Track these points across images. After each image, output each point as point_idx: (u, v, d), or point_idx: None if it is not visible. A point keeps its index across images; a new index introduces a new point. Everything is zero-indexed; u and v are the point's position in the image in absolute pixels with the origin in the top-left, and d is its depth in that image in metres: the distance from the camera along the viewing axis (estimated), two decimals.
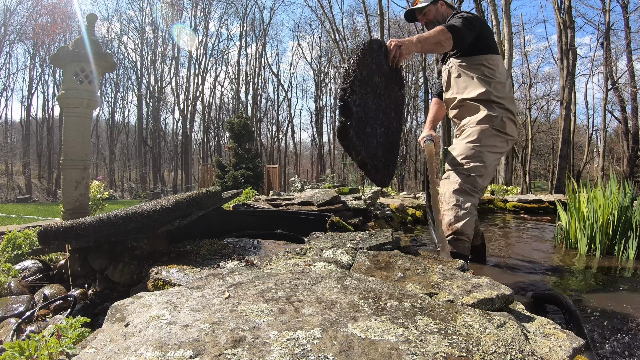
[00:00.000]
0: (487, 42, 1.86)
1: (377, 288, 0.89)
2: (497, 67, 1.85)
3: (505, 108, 1.82)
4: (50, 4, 23.62)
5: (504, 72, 1.90)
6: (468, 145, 1.78)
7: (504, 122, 1.79)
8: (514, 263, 2.16)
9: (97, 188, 4.07)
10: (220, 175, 13.38)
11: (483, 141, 1.77)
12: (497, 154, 1.82)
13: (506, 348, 0.64)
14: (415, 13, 2.06)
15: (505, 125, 1.79)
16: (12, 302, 1.46)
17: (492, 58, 1.85)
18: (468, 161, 1.75)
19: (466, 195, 1.71)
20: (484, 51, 1.84)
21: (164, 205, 1.35)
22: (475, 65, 1.85)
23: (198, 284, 0.95)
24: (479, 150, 1.76)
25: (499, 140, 1.80)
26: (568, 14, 12.08)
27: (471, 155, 1.76)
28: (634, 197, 2.39)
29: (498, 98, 1.81)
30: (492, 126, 1.78)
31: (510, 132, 1.82)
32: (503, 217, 4.52)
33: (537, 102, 22.64)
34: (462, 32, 1.69)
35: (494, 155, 1.79)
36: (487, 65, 1.83)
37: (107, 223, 1.26)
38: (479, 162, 1.74)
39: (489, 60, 1.84)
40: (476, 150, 1.76)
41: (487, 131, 1.78)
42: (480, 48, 1.84)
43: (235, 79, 31.74)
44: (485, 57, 1.84)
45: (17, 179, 24.96)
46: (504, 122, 1.79)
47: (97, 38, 2.78)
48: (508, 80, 1.90)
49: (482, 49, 1.84)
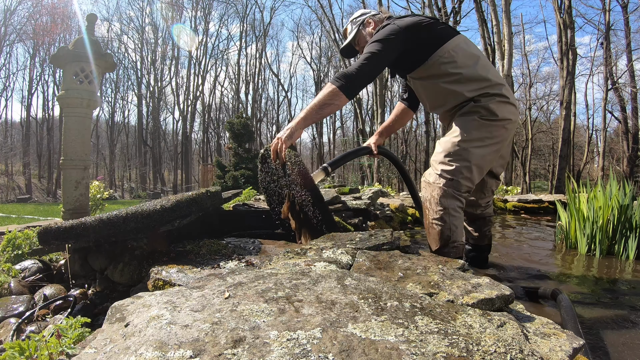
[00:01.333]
0: (433, 38, 1.61)
1: (377, 288, 0.89)
2: (456, 55, 1.60)
3: (490, 94, 1.60)
4: (50, 4, 23.63)
5: (470, 52, 1.63)
6: (452, 142, 1.60)
7: (491, 108, 1.58)
8: (513, 263, 2.16)
9: (97, 188, 4.07)
10: (220, 175, 13.38)
11: (469, 136, 1.58)
12: (491, 145, 1.61)
13: (506, 348, 0.64)
14: (353, 46, 1.88)
15: (495, 111, 1.58)
16: (12, 302, 1.46)
17: (445, 50, 1.59)
18: (451, 160, 1.58)
19: (452, 199, 1.57)
20: (434, 48, 1.60)
21: (164, 206, 1.35)
22: (434, 70, 1.63)
23: (198, 284, 0.95)
24: (463, 147, 1.57)
25: (489, 130, 1.60)
26: (568, 14, 12.08)
27: (454, 153, 1.58)
28: (634, 197, 2.39)
29: (476, 90, 1.60)
30: (479, 116, 1.59)
31: (503, 116, 1.60)
32: (503, 217, 4.52)
33: (537, 102, 22.66)
34: (358, 77, 1.50)
35: (484, 149, 1.59)
36: (445, 61, 1.60)
37: (107, 223, 1.26)
38: (463, 161, 1.57)
39: (445, 55, 1.60)
40: (460, 147, 1.57)
41: (472, 123, 1.59)
42: (428, 48, 1.61)
43: (235, 79, 31.77)
44: (437, 54, 1.60)
45: (17, 179, 24.97)
46: (492, 108, 1.58)
47: (97, 38, 2.78)
48: (481, 60, 1.64)
49: (430, 48, 1.61)
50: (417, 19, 1.62)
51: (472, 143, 1.58)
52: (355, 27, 1.85)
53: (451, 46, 1.60)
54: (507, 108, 1.62)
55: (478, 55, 1.66)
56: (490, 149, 1.62)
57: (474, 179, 1.61)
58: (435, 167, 1.64)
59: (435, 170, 1.63)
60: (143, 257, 1.39)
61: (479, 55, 1.66)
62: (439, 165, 1.61)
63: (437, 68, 1.62)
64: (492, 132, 1.61)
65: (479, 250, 2.00)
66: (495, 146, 1.63)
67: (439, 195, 1.57)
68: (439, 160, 1.62)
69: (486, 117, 1.59)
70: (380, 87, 15.68)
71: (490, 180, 1.86)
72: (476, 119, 1.59)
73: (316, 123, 29.67)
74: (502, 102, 1.61)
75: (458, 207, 1.59)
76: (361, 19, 1.86)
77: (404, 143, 22.85)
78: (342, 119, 32.73)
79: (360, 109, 22.64)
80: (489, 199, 1.94)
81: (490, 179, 1.85)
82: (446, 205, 1.57)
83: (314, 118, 1.55)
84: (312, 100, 1.55)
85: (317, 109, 1.53)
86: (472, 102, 1.62)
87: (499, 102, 1.60)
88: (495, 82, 1.62)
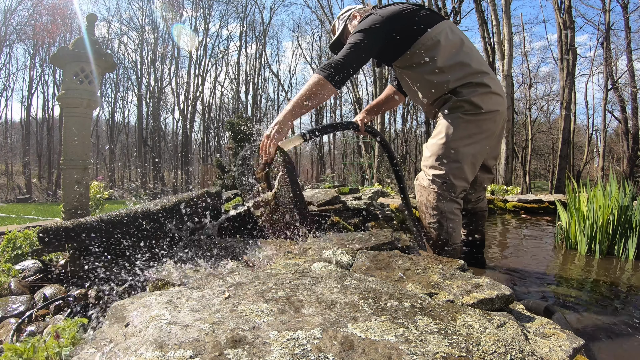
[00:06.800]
0: (416, 25, 1.55)
1: (377, 288, 0.89)
2: (439, 42, 1.53)
3: (473, 84, 1.53)
4: (51, 4, 23.62)
5: (453, 38, 1.56)
6: (439, 144, 1.55)
7: (474, 101, 1.52)
8: (513, 263, 2.16)
9: (97, 188, 4.07)
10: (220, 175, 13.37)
11: (456, 135, 1.52)
12: (480, 141, 1.56)
13: (506, 348, 0.64)
14: (341, 41, 1.84)
15: (479, 104, 1.52)
16: (12, 302, 1.46)
17: (427, 37, 1.53)
18: (441, 164, 1.54)
19: (448, 202, 1.54)
20: (416, 35, 1.54)
21: (164, 206, 1.35)
22: (416, 58, 1.57)
23: (198, 284, 0.94)
24: (451, 148, 1.52)
25: (476, 125, 1.54)
26: (568, 14, 12.08)
27: (443, 156, 1.53)
28: (634, 197, 2.39)
29: (458, 80, 1.54)
30: (462, 112, 1.53)
31: (489, 108, 1.53)
32: (503, 217, 4.52)
33: (537, 102, 22.64)
34: (343, 66, 1.45)
35: (473, 146, 1.54)
36: (427, 48, 1.54)
37: (107, 223, 1.26)
38: (454, 162, 1.52)
39: (427, 43, 1.54)
40: (448, 149, 1.53)
41: (457, 121, 1.53)
42: (410, 36, 1.55)
43: (235, 79, 31.76)
44: (420, 41, 1.54)
45: (17, 179, 24.96)
46: (476, 101, 1.52)
47: (97, 38, 2.78)
48: (465, 46, 1.57)
49: (413, 35, 1.55)
50: (400, 7, 1.58)
51: (461, 142, 1.53)
52: (343, 22, 1.84)
53: (434, 33, 1.54)
54: (492, 99, 1.55)
55: (462, 41, 1.59)
56: (479, 145, 1.57)
57: (468, 178, 1.59)
58: (426, 172, 1.60)
59: (427, 175, 1.59)
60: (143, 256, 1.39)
61: (462, 41, 1.59)
62: (430, 170, 1.58)
63: (420, 56, 1.56)
64: (480, 126, 1.55)
65: (470, 245, 1.95)
66: (484, 141, 1.58)
67: (434, 200, 1.55)
68: (429, 165, 1.59)
69: (471, 111, 1.53)
70: (380, 87, 15.69)
71: (482, 175, 1.81)
72: (460, 116, 1.54)
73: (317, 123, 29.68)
74: (485, 93, 1.54)
75: (455, 209, 1.57)
76: (347, 14, 1.85)
77: (404, 143, 22.84)
78: (342, 119, 32.73)
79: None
80: (480, 194, 1.90)
81: (482, 173, 1.80)
82: (442, 209, 1.55)
83: (301, 110, 1.47)
84: (299, 92, 1.48)
85: (304, 100, 1.46)
86: (453, 97, 1.57)
87: (482, 94, 1.53)
88: (478, 70, 1.55)
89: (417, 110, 25.27)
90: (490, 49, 12.02)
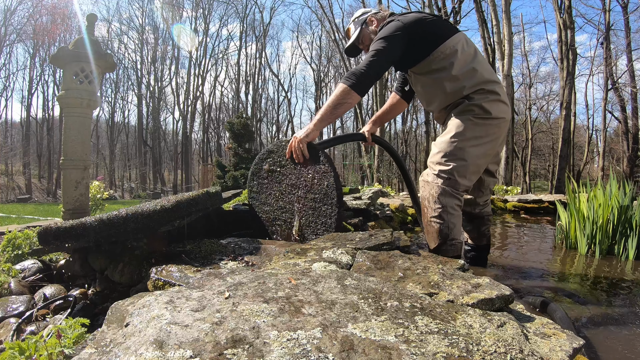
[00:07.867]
0: (436, 34, 1.63)
1: (377, 288, 0.89)
2: (457, 51, 1.62)
3: (485, 91, 1.63)
4: (51, 4, 23.60)
5: (469, 49, 1.66)
6: (448, 141, 1.62)
7: (484, 107, 1.61)
8: (513, 263, 2.16)
9: (97, 188, 4.07)
10: (220, 175, 13.36)
11: (464, 135, 1.60)
12: (486, 144, 1.64)
13: (506, 348, 0.64)
14: (357, 45, 1.89)
15: (489, 109, 1.61)
16: (12, 302, 1.46)
17: (447, 46, 1.62)
18: (447, 160, 1.60)
19: (450, 197, 1.59)
20: (436, 44, 1.63)
21: (164, 206, 1.35)
22: (435, 65, 1.65)
23: (198, 284, 0.94)
24: (459, 147, 1.59)
25: (484, 129, 1.62)
26: (568, 14, 12.08)
27: (450, 153, 1.60)
28: (634, 197, 2.39)
29: (472, 87, 1.63)
30: (473, 115, 1.61)
31: (497, 114, 1.62)
32: (503, 217, 4.52)
33: (537, 102, 22.65)
34: (367, 75, 1.55)
35: (479, 148, 1.62)
36: (446, 57, 1.62)
37: (107, 223, 1.26)
38: (460, 160, 1.59)
39: (446, 52, 1.62)
40: (456, 147, 1.60)
41: (467, 123, 1.61)
42: (431, 44, 1.63)
43: (235, 79, 31.77)
44: (440, 49, 1.62)
45: (17, 179, 24.96)
46: (486, 106, 1.61)
47: (97, 38, 2.78)
48: (478, 57, 1.67)
49: (433, 43, 1.63)
50: (421, 16, 1.66)
51: (468, 142, 1.60)
52: (358, 27, 1.88)
53: (452, 42, 1.63)
54: (500, 107, 1.65)
55: (476, 52, 1.69)
56: (485, 147, 1.64)
57: (471, 177, 1.65)
58: (432, 167, 1.66)
59: (432, 170, 1.65)
60: (143, 257, 1.39)
61: (476, 52, 1.70)
62: (436, 166, 1.64)
63: (438, 63, 1.64)
64: (487, 130, 1.63)
65: (477, 249, 2.01)
66: (489, 144, 1.66)
67: (437, 194, 1.60)
68: (436, 161, 1.64)
69: (480, 115, 1.61)
70: (380, 87, 15.69)
71: (488, 178, 1.88)
72: (470, 119, 1.62)
73: None
74: (495, 100, 1.63)
75: (456, 205, 1.61)
76: (363, 18, 1.88)
77: (404, 143, 22.85)
78: (342, 120, 32.70)
79: (361, 109, 22.65)
80: (487, 198, 1.95)
81: (488, 177, 1.87)
82: (444, 203, 1.59)
83: (329, 118, 1.60)
84: (326, 102, 1.59)
85: (331, 109, 1.57)
86: (466, 101, 1.65)
87: (492, 101, 1.62)
88: (489, 79, 1.65)
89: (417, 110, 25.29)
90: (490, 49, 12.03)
